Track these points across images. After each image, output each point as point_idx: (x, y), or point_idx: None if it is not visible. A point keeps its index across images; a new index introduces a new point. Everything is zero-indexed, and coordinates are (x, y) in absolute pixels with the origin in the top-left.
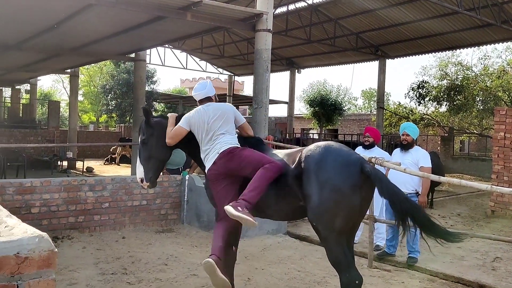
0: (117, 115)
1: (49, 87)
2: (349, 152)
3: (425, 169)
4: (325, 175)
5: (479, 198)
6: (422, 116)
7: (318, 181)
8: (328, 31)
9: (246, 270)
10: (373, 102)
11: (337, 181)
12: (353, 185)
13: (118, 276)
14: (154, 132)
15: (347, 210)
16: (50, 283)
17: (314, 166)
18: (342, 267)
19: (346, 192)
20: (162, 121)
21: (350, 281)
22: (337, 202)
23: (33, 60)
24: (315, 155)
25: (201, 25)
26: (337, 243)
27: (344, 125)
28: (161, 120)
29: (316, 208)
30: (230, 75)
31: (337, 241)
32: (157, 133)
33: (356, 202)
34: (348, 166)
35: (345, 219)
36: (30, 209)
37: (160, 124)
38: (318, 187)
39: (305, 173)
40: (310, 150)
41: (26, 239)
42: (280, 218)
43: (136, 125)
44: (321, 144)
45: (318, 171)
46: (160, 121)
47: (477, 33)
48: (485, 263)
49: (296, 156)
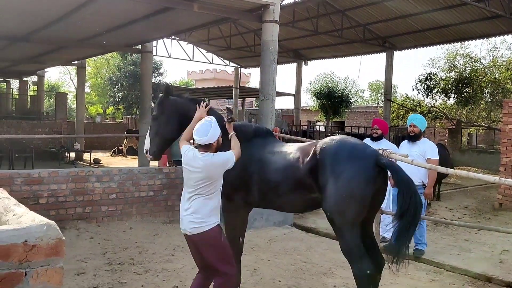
0: (124, 107)
1: (57, 79)
2: (364, 146)
3: (432, 161)
4: (341, 167)
5: (486, 191)
6: (430, 108)
7: (334, 173)
8: (336, 23)
9: (253, 261)
10: (380, 94)
11: (352, 173)
12: (367, 178)
13: (125, 266)
14: (165, 111)
15: (361, 202)
16: (58, 271)
17: (330, 158)
18: (353, 257)
19: (361, 184)
20: (177, 100)
21: (362, 272)
22: (352, 194)
23: (40, 51)
24: (331, 148)
25: (208, 16)
26: (350, 234)
27: (351, 118)
28: (176, 100)
29: (332, 199)
30: (236, 67)
31: (350, 232)
32: (168, 112)
33: (369, 194)
34: (363, 159)
35: (359, 210)
36: (38, 199)
37: (173, 103)
38: (334, 179)
39: (320, 165)
40: (325, 143)
41: (34, 227)
42: (291, 210)
43: (143, 117)
44: (336, 138)
45: (334, 164)
46: (175, 100)
47: (486, 25)
48: (492, 255)
49: (310, 149)
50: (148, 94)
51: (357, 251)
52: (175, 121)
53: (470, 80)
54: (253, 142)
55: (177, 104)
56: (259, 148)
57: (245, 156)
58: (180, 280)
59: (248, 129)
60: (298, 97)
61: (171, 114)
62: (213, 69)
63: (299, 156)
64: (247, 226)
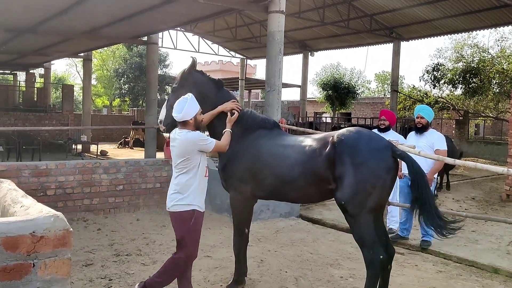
0: (130, 99)
1: (63, 71)
2: (379, 137)
3: (440, 152)
4: (360, 158)
5: (494, 182)
6: (437, 99)
7: (353, 163)
8: (342, 13)
9: (259, 252)
10: (387, 85)
11: (373, 163)
12: (387, 168)
13: (132, 257)
14: (185, 85)
15: (380, 191)
16: (65, 262)
17: (349, 149)
18: (366, 243)
19: (382, 174)
20: (200, 77)
21: (374, 257)
22: (372, 183)
23: (46, 43)
24: (349, 139)
25: (214, 7)
26: (365, 221)
27: (357, 109)
28: (199, 77)
29: (349, 188)
30: (242, 58)
31: (365, 219)
32: (188, 87)
33: (388, 183)
34: (381, 150)
35: (378, 199)
36: (46, 191)
37: (196, 79)
38: (353, 169)
39: (338, 155)
40: (343, 134)
41: (41, 219)
42: (305, 202)
43: (149, 109)
44: (352, 129)
45: (353, 154)
46: (198, 77)
47: (494, 14)
48: (499, 246)
49: (327, 140)
50: (154, 86)
51: (371, 237)
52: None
53: (477, 71)
54: (260, 134)
55: (198, 81)
56: (268, 140)
57: (253, 148)
58: None
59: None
60: (304, 88)
61: (190, 89)
62: (219, 60)
63: (316, 149)
64: (254, 217)
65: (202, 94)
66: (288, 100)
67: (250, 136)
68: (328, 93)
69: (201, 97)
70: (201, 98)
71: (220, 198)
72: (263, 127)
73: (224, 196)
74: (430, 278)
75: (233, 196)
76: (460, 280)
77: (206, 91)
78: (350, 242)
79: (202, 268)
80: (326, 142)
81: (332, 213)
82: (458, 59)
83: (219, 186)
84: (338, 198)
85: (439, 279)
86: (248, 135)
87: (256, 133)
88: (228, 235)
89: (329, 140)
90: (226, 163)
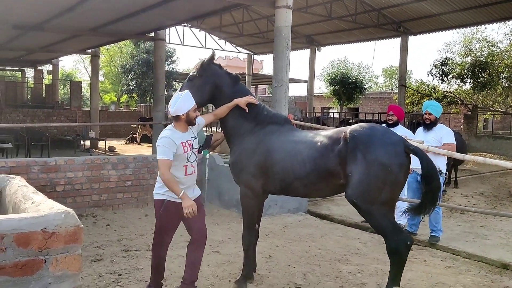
0: (138, 95)
1: (71, 67)
2: (392, 132)
3: (448, 145)
4: (374, 154)
5: (502, 177)
6: (445, 94)
7: (366, 160)
8: (349, 8)
9: (267, 247)
10: (395, 80)
11: (386, 159)
12: (401, 164)
13: (141, 252)
14: (203, 75)
15: (393, 186)
16: (76, 258)
17: (362, 145)
18: (388, 231)
19: (395, 170)
20: (217, 70)
21: (399, 244)
22: (385, 179)
23: (54, 40)
24: (361, 134)
25: (221, 2)
26: (380, 212)
27: (365, 104)
28: (217, 70)
29: (361, 184)
30: (249, 54)
31: (379, 212)
32: (204, 78)
33: (402, 179)
34: (394, 146)
35: (391, 194)
36: (55, 187)
37: (213, 71)
38: (366, 165)
39: (351, 152)
40: (355, 130)
41: (52, 215)
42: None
43: (157, 105)
44: (365, 125)
45: (366, 150)
46: (215, 69)
47: (503, 8)
48: (508, 242)
49: (339, 135)
50: (161, 82)
51: (391, 225)
52: (208, 88)
53: (486, 65)
54: (271, 129)
55: (216, 73)
56: (279, 136)
57: (265, 144)
58: None
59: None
60: (311, 83)
61: (206, 80)
62: (226, 56)
63: (328, 144)
64: (262, 213)
65: (218, 86)
66: (295, 96)
67: (261, 131)
68: (336, 88)
69: (217, 90)
70: (217, 91)
71: (228, 194)
72: (275, 122)
73: (232, 192)
74: (439, 274)
75: (243, 192)
76: (469, 275)
77: (223, 84)
78: (358, 237)
79: (211, 263)
80: (338, 138)
81: (340, 209)
82: (466, 53)
83: (227, 182)
84: (349, 195)
85: (447, 274)
86: (260, 130)
87: (267, 128)
88: (236, 231)
89: (341, 136)
90: (237, 157)
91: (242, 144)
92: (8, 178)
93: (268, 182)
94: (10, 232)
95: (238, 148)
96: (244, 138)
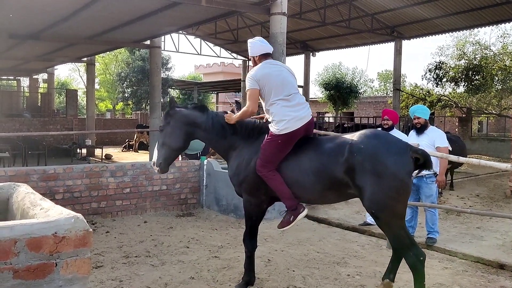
0: (133, 102)
1: (66, 76)
2: (397, 139)
3: (441, 149)
4: (382, 165)
5: (498, 179)
6: (439, 97)
7: (376, 172)
8: (343, 13)
9: (266, 251)
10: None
11: (395, 169)
12: (409, 171)
13: (142, 258)
14: (170, 121)
15: (405, 195)
16: (86, 261)
17: (369, 157)
18: (405, 247)
19: (405, 179)
20: (182, 111)
21: (416, 259)
22: (397, 190)
23: (50, 49)
24: (368, 146)
25: (216, 10)
26: (398, 227)
27: (360, 108)
28: (181, 110)
29: (376, 197)
30: (244, 60)
31: (398, 225)
32: (173, 123)
33: (411, 186)
34: (401, 154)
35: (404, 203)
36: (54, 195)
37: (178, 114)
38: (377, 177)
39: (358, 164)
40: (361, 141)
41: (62, 220)
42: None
43: (153, 112)
44: (369, 134)
45: (375, 162)
46: (180, 111)
47: (495, 11)
48: (504, 242)
49: (344, 147)
50: (157, 89)
51: (408, 240)
52: (181, 130)
53: (480, 68)
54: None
55: (182, 114)
56: None
57: None
58: (196, 271)
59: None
60: (306, 88)
61: (176, 124)
62: (221, 62)
63: (334, 155)
64: None
65: (190, 123)
66: None
67: (256, 141)
68: (330, 93)
69: (192, 126)
70: (192, 127)
71: (226, 199)
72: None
73: (230, 197)
74: (436, 275)
75: (247, 199)
76: (466, 276)
77: (195, 117)
78: (356, 240)
79: (211, 268)
80: (343, 149)
81: (337, 212)
82: (460, 57)
83: (225, 188)
84: (368, 207)
85: (445, 275)
86: (254, 141)
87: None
88: (235, 236)
89: (346, 147)
90: (235, 169)
91: (238, 157)
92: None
93: (271, 191)
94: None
95: (235, 161)
96: (241, 150)
